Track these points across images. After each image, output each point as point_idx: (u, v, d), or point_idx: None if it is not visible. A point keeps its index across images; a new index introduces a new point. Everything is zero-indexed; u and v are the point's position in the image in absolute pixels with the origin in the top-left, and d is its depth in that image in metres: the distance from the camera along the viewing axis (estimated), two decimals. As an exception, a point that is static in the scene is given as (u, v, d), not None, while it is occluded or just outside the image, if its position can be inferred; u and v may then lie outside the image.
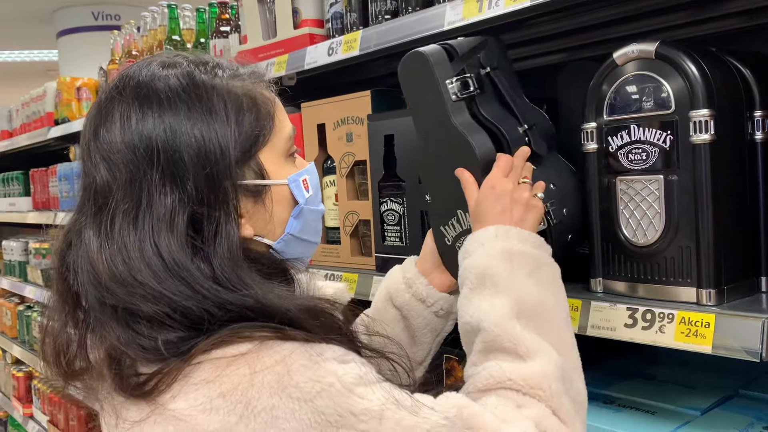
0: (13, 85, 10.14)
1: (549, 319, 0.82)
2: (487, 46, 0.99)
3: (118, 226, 0.74)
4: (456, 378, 1.14)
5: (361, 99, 1.32)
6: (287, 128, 0.85)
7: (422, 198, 1.20)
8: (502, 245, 0.85)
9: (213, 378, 0.69)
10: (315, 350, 0.71)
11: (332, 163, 1.43)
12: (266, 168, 0.81)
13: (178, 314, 0.71)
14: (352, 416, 0.68)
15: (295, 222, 0.85)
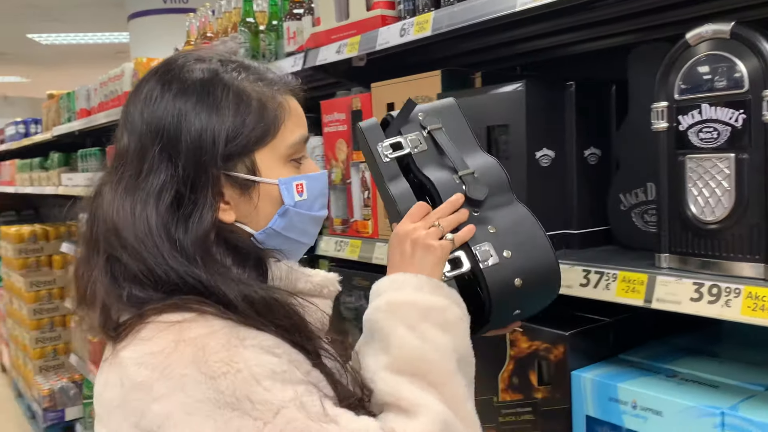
0: (84, 67, 10.55)
1: (432, 371, 0.84)
2: (414, 107, 1.03)
3: (122, 188, 0.86)
4: (519, 349, 1.19)
5: (432, 78, 1.37)
6: (295, 136, 0.92)
7: (490, 175, 1.24)
8: (390, 297, 0.88)
9: (150, 337, 0.79)
10: (241, 334, 0.79)
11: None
12: (260, 166, 0.89)
13: (148, 274, 0.82)
14: (248, 402, 0.74)
15: (280, 220, 0.91)
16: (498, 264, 0.92)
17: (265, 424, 0.73)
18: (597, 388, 1.06)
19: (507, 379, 1.21)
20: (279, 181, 0.91)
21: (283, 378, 0.77)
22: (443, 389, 0.83)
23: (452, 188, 0.95)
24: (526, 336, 1.17)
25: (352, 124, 1.60)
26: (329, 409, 0.78)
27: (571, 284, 1.07)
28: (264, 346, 0.78)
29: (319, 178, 0.96)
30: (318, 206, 0.96)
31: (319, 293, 0.94)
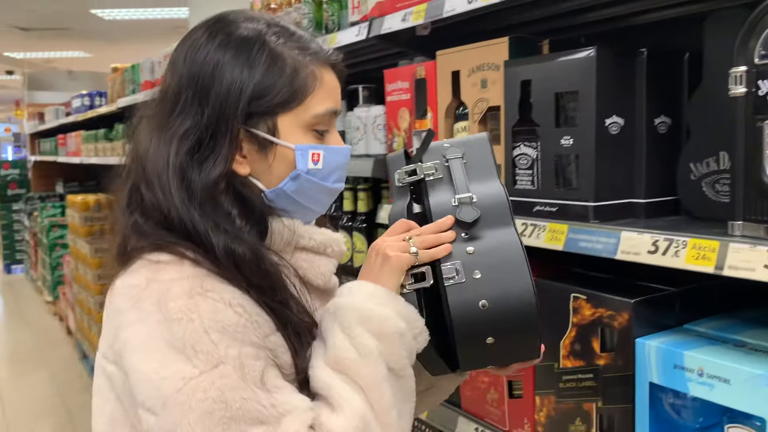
0: (144, 42, 10.78)
1: (360, 374, 0.85)
2: (433, 136, 1.04)
3: (154, 124, 0.93)
4: (582, 316, 1.19)
5: (499, 46, 1.36)
6: (322, 107, 0.95)
7: (557, 143, 1.24)
8: (338, 301, 0.90)
9: (134, 271, 0.87)
10: (207, 285, 0.84)
11: (464, 110, 1.49)
12: (280, 129, 0.93)
13: (155, 208, 0.89)
14: (191, 349, 0.79)
15: (291, 183, 0.95)
16: (462, 284, 0.90)
17: (201, 372, 0.79)
18: (662, 355, 1.06)
19: (569, 345, 1.22)
20: (296, 147, 0.94)
21: (233, 335, 0.81)
22: (369, 393, 0.85)
23: (447, 211, 0.95)
24: (590, 303, 1.18)
25: (415, 93, 1.61)
26: (268, 377, 0.82)
27: (639, 251, 1.07)
28: (225, 300, 0.83)
29: (339, 152, 0.98)
30: (333, 179, 0.98)
31: (323, 252, 0.97)
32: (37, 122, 8.54)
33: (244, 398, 0.79)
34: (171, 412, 0.78)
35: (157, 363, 0.80)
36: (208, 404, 0.77)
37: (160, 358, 0.80)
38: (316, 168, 0.95)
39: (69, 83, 9.46)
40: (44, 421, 4.19)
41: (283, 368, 0.87)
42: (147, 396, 0.80)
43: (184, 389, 0.78)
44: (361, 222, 2.03)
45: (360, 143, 1.89)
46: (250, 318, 0.84)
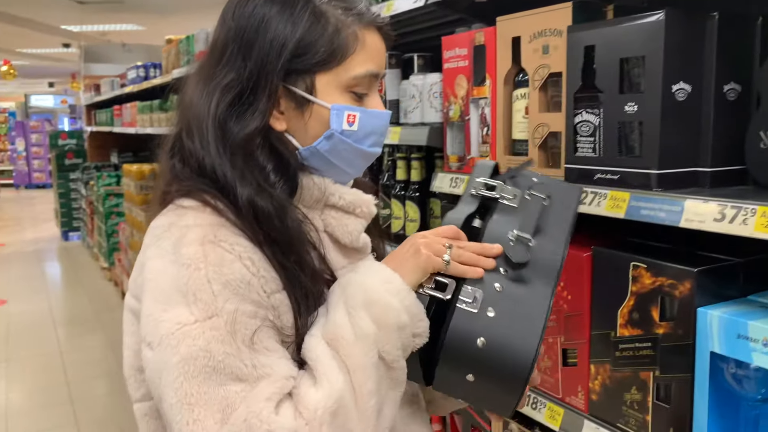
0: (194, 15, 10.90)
1: (349, 355, 0.85)
2: (529, 166, 1.03)
3: (201, 75, 0.96)
4: (642, 285, 1.18)
5: (562, 11, 1.34)
6: (361, 69, 0.95)
7: (620, 110, 1.22)
8: (353, 277, 0.90)
9: (163, 213, 0.93)
10: (220, 234, 0.86)
11: (524, 77, 1.47)
12: (318, 88, 0.94)
13: (192, 154, 0.93)
14: (192, 296, 0.82)
15: (325, 142, 0.96)
16: (473, 313, 0.86)
17: (195, 320, 0.81)
18: (725, 325, 1.05)
19: (627, 314, 1.21)
20: (332, 107, 0.95)
21: (235, 290, 0.83)
22: (353, 375, 0.84)
23: (500, 240, 0.92)
24: (650, 272, 1.17)
25: (474, 60, 1.60)
26: (260, 338, 0.84)
27: (704, 219, 1.05)
28: (236, 252, 0.85)
29: (377, 116, 0.98)
30: (369, 142, 0.99)
31: (352, 211, 0.99)
32: (93, 94, 8.77)
33: (227, 353, 0.80)
34: (162, 351, 0.81)
35: (161, 303, 0.83)
36: (194, 351, 0.80)
37: (164, 298, 0.84)
38: (351, 129, 0.96)
39: (123, 55, 9.65)
40: (101, 380, 4.37)
41: (284, 329, 0.88)
42: (147, 331, 0.84)
43: (177, 333, 0.81)
44: (414, 191, 2.04)
45: (415, 111, 1.89)
46: (257, 273, 0.86)
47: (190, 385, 0.79)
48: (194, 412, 0.78)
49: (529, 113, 1.45)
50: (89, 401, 4.05)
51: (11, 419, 3.86)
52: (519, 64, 1.48)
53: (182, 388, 0.79)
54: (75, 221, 9.54)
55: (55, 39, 12.89)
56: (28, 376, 4.53)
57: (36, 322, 5.70)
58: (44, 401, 4.10)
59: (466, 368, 0.87)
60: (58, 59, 16.10)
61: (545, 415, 1.42)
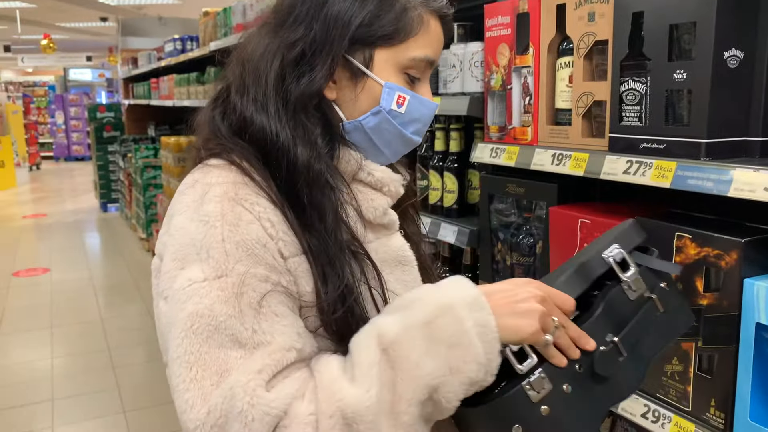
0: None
1: (403, 381, 0.77)
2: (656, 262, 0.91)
3: (265, 31, 0.97)
4: (686, 255, 1.17)
5: (610, -24, 1.31)
6: (420, 52, 0.95)
7: (669, 78, 1.20)
8: (450, 301, 0.80)
9: (192, 171, 0.92)
10: (241, 193, 0.85)
11: (569, 45, 1.45)
12: (375, 62, 0.94)
13: (238, 110, 0.92)
14: (205, 253, 0.82)
15: (371, 118, 0.96)
16: (530, 402, 0.80)
17: (205, 278, 0.81)
18: (773, 295, 1.03)
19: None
20: (385, 84, 0.95)
21: (248, 250, 0.82)
22: (396, 402, 0.77)
23: (596, 336, 0.84)
24: (695, 242, 1.15)
25: (517, 28, 1.58)
26: (269, 302, 0.81)
27: (754, 189, 1.03)
28: (255, 212, 0.85)
29: (425, 104, 0.98)
30: (412, 129, 0.99)
31: (379, 189, 0.97)
32: (130, 67, 8.87)
33: (229, 314, 0.79)
34: (173, 306, 0.82)
35: (178, 260, 0.84)
36: (200, 309, 0.79)
37: (181, 254, 0.84)
38: (399, 111, 0.96)
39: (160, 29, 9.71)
40: (140, 347, 4.49)
41: (302, 296, 0.86)
42: (164, 285, 0.85)
43: (187, 289, 0.81)
44: (453, 162, 2.03)
45: (455, 81, 1.88)
46: (275, 235, 0.84)
47: (191, 343, 0.79)
48: (192, 371, 0.78)
49: (573, 82, 1.43)
50: (129, 367, 4.18)
51: (57, 382, 4.01)
52: (564, 32, 1.46)
53: (183, 344, 0.79)
54: (113, 193, 9.74)
55: (93, 13, 13.05)
56: (71, 342, 4.68)
57: (77, 290, 5.87)
58: (87, 366, 4.24)
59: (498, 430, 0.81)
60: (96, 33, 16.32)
61: (583, 384, 1.42)
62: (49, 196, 11.36)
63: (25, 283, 6.16)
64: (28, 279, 6.27)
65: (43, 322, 5.06)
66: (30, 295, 5.78)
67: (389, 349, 0.78)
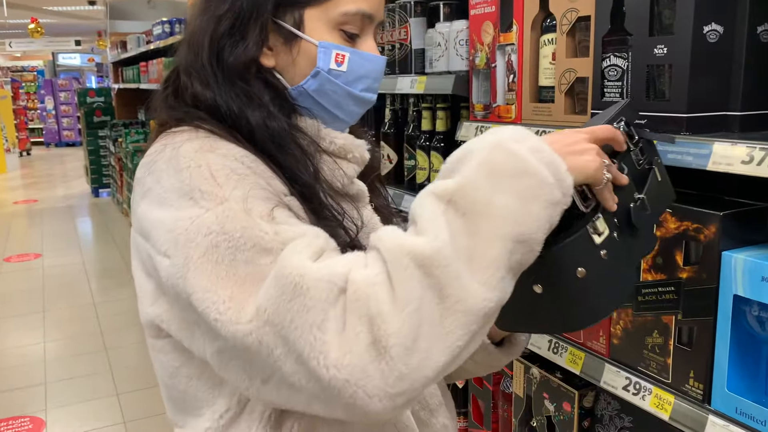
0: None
1: (480, 219, 0.70)
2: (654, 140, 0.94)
3: (201, 8, 0.94)
4: (666, 229, 1.18)
5: (592, -48, 1.31)
6: (350, 6, 0.91)
7: (650, 53, 1.20)
8: (497, 138, 0.74)
9: (160, 139, 0.89)
10: (216, 144, 0.83)
11: (552, 21, 1.45)
12: (307, 24, 0.92)
13: (189, 88, 0.92)
14: (198, 192, 0.78)
15: (312, 81, 0.93)
16: (594, 244, 0.81)
17: (206, 210, 0.77)
18: (750, 267, 1.05)
19: (650, 259, 1.22)
20: (319, 44, 0.92)
21: (241, 178, 0.80)
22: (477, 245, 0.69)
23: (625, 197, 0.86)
24: (675, 217, 1.16)
25: (501, 5, 1.58)
26: (278, 215, 0.78)
27: (732, 162, 1.04)
28: (235, 155, 0.82)
29: (369, 59, 0.95)
30: (361, 86, 0.96)
31: (344, 156, 0.96)
32: (119, 51, 8.80)
33: (244, 227, 0.75)
34: (182, 250, 0.76)
35: (170, 210, 0.79)
36: (212, 237, 0.75)
37: (171, 205, 0.79)
38: (340, 70, 0.93)
39: (149, 12, 9.62)
40: (132, 330, 4.50)
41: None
42: (162, 240, 0.79)
43: (191, 227, 0.76)
44: (439, 141, 2.04)
45: (441, 60, 1.88)
46: (261, 174, 0.82)
47: (218, 270, 0.74)
48: (227, 291, 0.73)
49: (556, 59, 1.44)
50: (122, 349, 4.19)
51: (49, 366, 4.02)
52: (547, 8, 1.46)
53: (209, 276, 0.74)
54: (105, 178, 9.70)
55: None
56: (63, 326, 4.68)
57: (70, 274, 5.86)
58: (79, 349, 4.25)
59: (546, 280, 0.80)
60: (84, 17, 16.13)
61: (566, 359, 1.44)
62: (40, 182, 11.31)
63: (17, 268, 6.15)
64: (20, 264, 6.26)
65: (35, 306, 5.06)
66: (22, 280, 5.77)
67: (453, 198, 0.71)
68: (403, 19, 2.05)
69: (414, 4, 2.02)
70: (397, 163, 2.26)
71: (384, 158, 2.31)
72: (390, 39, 2.13)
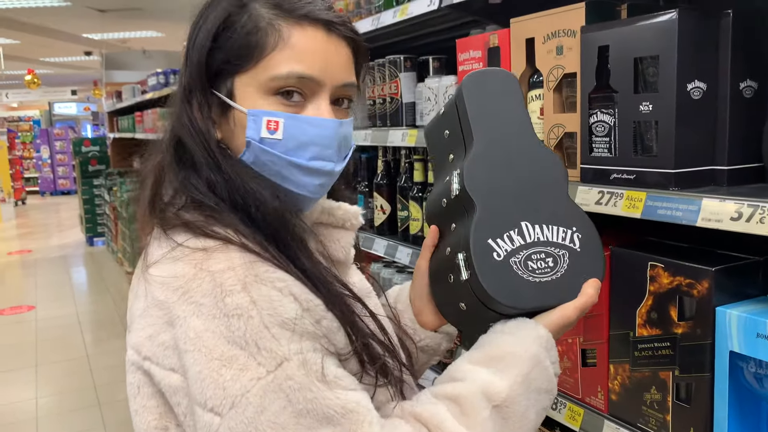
0: (214, 21, 10.96)
1: (516, 426, 0.87)
2: None
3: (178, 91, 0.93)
4: (660, 284, 1.18)
5: (575, 11, 1.34)
6: (281, 69, 0.85)
7: (635, 110, 1.22)
8: (536, 353, 0.90)
9: (177, 258, 0.81)
10: (258, 272, 0.78)
11: (539, 78, 1.48)
12: (237, 92, 0.87)
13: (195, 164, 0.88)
14: (255, 346, 0.75)
15: (247, 153, 0.87)
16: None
17: (267, 372, 0.75)
18: (744, 323, 1.04)
19: (645, 314, 1.21)
20: (248, 112, 0.86)
21: (293, 328, 0.77)
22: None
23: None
24: (668, 272, 1.16)
25: (488, 62, 1.60)
26: (329, 369, 0.79)
27: (721, 218, 1.05)
28: (278, 288, 0.79)
29: (312, 123, 0.87)
30: (308, 155, 0.87)
31: (341, 226, 0.94)
32: (115, 101, 8.89)
33: (308, 399, 0.76)
34: (243, 413, 0.74)
35: (218, 361, 0.75)
36: (279, 404, 0.75)
37: (221, 356, 0.75)
38: (275, 138, 0.86)
39: (144, 62, 9.78)
40: (125, 383, 4.43)
41: (340, 351, 0.83)
42: (209, 395, 0.75)
43: (255, 389, 0.74)
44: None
45: (431, 114, 1.90)
46: (301, 306, 0.80)
47: None
48: None
49: (544, 114, 1.46)
50: (116, 404, 4.12)
51: (41, 423, 3.94)
52: (533, 65, 1.48)
53: None
54: (99, 227, 9.68)
55: (77, 47, 13.09)
56: (57, 381, 4.61)
57: (63, 326, 5.80)
58: (73, 405, 4.18)
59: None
60: (81, 67, 16.36)
61: (565, 415, 1.42)
62: (35, 232, 11.28)
63: (10, 321, 6.08)
64: (13, 317, 6.20)
65: (27, 360, 4.99)
66: (14, 333, 5.71)
67: (502, 406, 0.86)
68: (394, 74, 2.08)
69: (404, 59, 2.05)
70: (390, 213, 2.27)
71: (377, 209, 2.32)
72: (381, 93, 2.16)
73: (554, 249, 0.98)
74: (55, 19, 10.07)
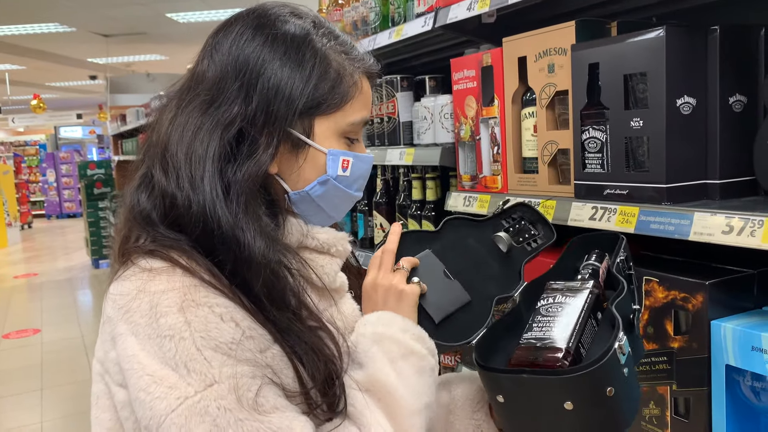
0: (217, 43, 11.08)
1: (399, 407, 0.88)
2: None
3: (191, 109, 0.89)
4: (655, 299, 1.18)
5: (566, 30, 1.36)
6: (357, 116, 0.95)
7: (626, 126, 1.23)
8: (376, 329, 0.93)
9: (126, 277, 0.84)
10: (197, 296, 0.80)
11: (532, 95, 1.49)
12: (316, 132, 0.92)
13: (169, 196, 0.86)
14: (184, 368, 0.77)
15: (318, 187, 0.94)
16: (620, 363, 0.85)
17: (196, 392, 0.76)
18: (739, 337, 1.04)
19: (641, 329, 1.21)
20: (329, 152, 0.93)
21: (227, 352, 0.78)
22: (401, 424, 0.87)
23: None
24: (663, 286, 1.17)
25: (482, 81, 1.62)
26: (266, 397, 0.79)
27: (713, 232, 1.05)
28: (217, 313, 0.79)
29: (365, 160, 0.98)
30: (356, 187, 0.98)
31: (326, 251, 0.95)
32: (119, 124, 8.97)
33: (239, 419, 0.76)
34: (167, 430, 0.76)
35: (148, 380, 0.77)
36: (206, 427, 0.75)
37: (151, 374, 0.77)
38: (344, 175, 0.95)
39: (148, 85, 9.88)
40: (133, 406, 4.42)
41: (286, 387, 0.83)
42: (141, 415, 0.78)
43: (180, 409, 0.76)
44: (430, 210, 2.06)
45: (428, 132, 1.92)
46: (243, 333, 0.80)
47: None
48: None
49: (538, 131, 1.47)
50: (121, 427, 4.10)
51: (46, 447, 3.93)
52: (526, 83, 1.50)
53: None
54: (105, 249, 9.70)
55: (82, 72, 13.24)
56: (62, 404, 4.60)
57: (68, 349, 5.80)
58: (78, 428, 4.16)
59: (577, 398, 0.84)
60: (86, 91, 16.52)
61: (566, 431, 1.42)
62: (41, 255, 11.32)
63: (15, 345, 6.09)
64: (19, 341, 6.20)
65: (33, 384, 4.99)
66: (20, 357, 5.71)
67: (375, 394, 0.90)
68: (391, 94, 2.10)
69: (400, 79, 2.07)
70: (391, 232, 2.28)
71: (377, 227, 2.33)
72: (378, 112, 2.18)
73: None
74: (60, 44, 10.20)
